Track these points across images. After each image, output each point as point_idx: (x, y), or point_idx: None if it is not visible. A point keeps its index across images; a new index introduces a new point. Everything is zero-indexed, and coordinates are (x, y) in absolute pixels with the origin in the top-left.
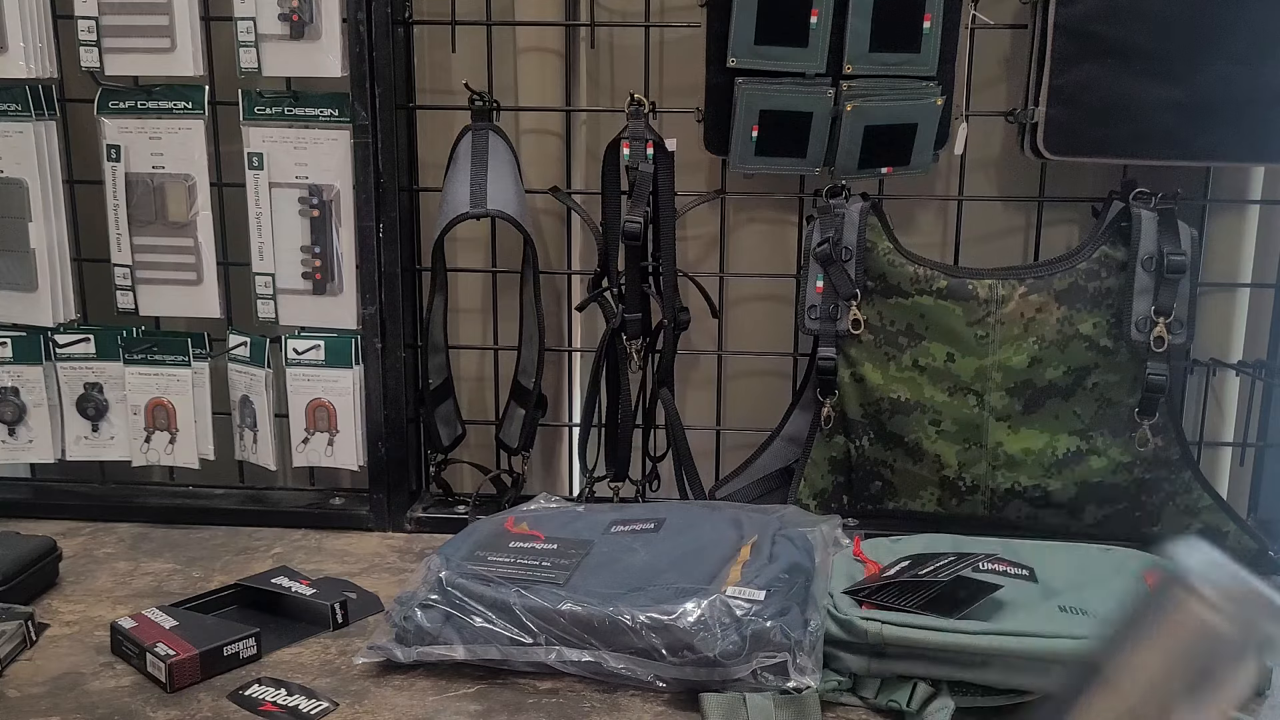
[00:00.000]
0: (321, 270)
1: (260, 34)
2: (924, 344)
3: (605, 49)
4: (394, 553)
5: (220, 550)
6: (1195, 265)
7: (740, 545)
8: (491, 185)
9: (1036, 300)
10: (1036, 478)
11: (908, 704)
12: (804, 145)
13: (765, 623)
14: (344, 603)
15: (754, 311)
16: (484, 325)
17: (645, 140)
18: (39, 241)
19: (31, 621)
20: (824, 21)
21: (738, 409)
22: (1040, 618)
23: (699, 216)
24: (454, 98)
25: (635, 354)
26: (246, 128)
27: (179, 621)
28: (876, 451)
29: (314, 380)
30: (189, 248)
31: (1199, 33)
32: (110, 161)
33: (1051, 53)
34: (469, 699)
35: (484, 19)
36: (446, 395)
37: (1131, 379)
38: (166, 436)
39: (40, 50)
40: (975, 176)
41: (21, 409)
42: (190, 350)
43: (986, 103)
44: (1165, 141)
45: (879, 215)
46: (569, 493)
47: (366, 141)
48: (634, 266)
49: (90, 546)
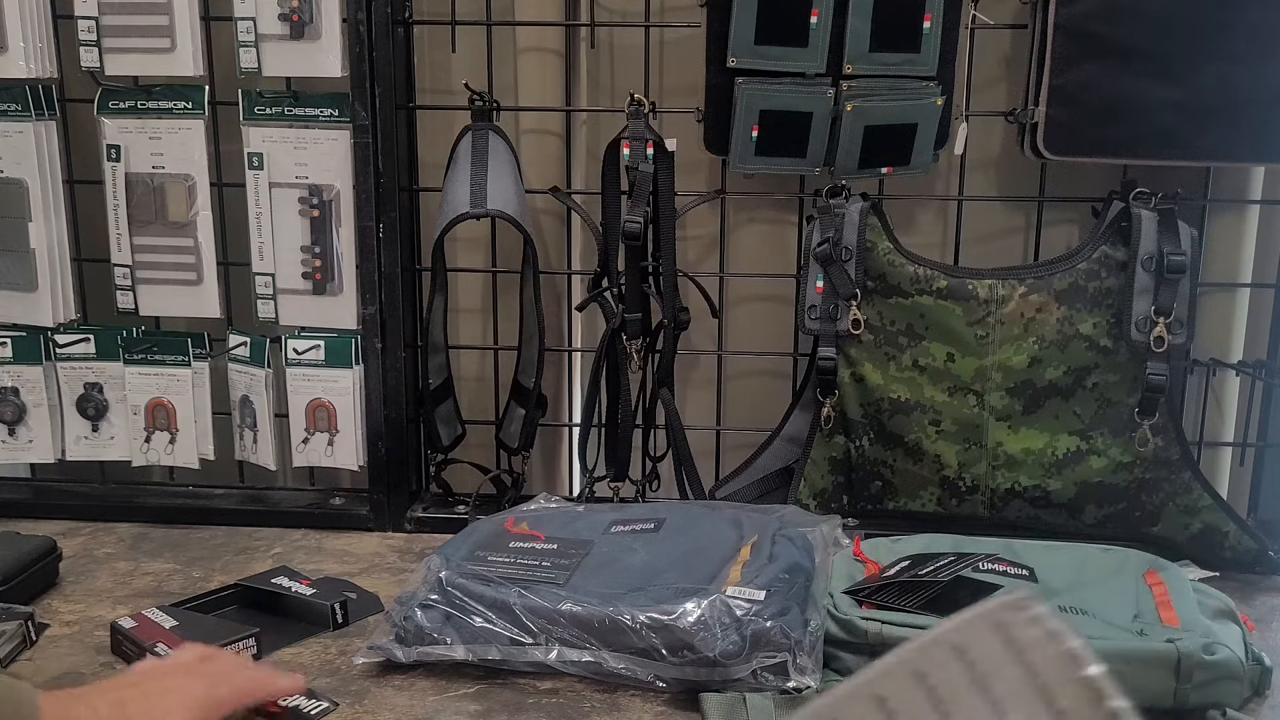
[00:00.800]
0: (321, 270)
1: (260, 34)
2: (924, 344)
3: (605, 49)
4: (394, 553)
5: (220, 550)
6: (1195, 265)
7: (740, 545)
8: (491, 185)
9: (1036, 300)
10: (1036, 478)
11: None
12: (804, 145)
13: (765, 623)
14: (344, 603)
15: (754, 311)
16: (484, 325)
17: (645, 140)
18: (39, 241)
19: (31, 621)
20: (824, 21)
21: (738, 409)
22: None
23: (699, 216)
24: (454, 98)
25: (635, 354)
26: (246, 128)
27: (179, 621)
28: (876, 451)
29: (314, 380)
30: (189, 248)
31: (1199, 33)
32: (110, 161)
33: (1051, 53)
34: (469, 699)
35: (484, 19)
36: (446, 395)
37: (1131, 379)
38: (166, 436)
39: (40, 50)
40: (975, 176)
41: (21, 409)
42: (190, 350)
43: (986, 103)
44: (1165, 141)
45: (879, 215)
46: (569, 493)
47: (366, 141)
48: (634, 266)
49: (90, 546)
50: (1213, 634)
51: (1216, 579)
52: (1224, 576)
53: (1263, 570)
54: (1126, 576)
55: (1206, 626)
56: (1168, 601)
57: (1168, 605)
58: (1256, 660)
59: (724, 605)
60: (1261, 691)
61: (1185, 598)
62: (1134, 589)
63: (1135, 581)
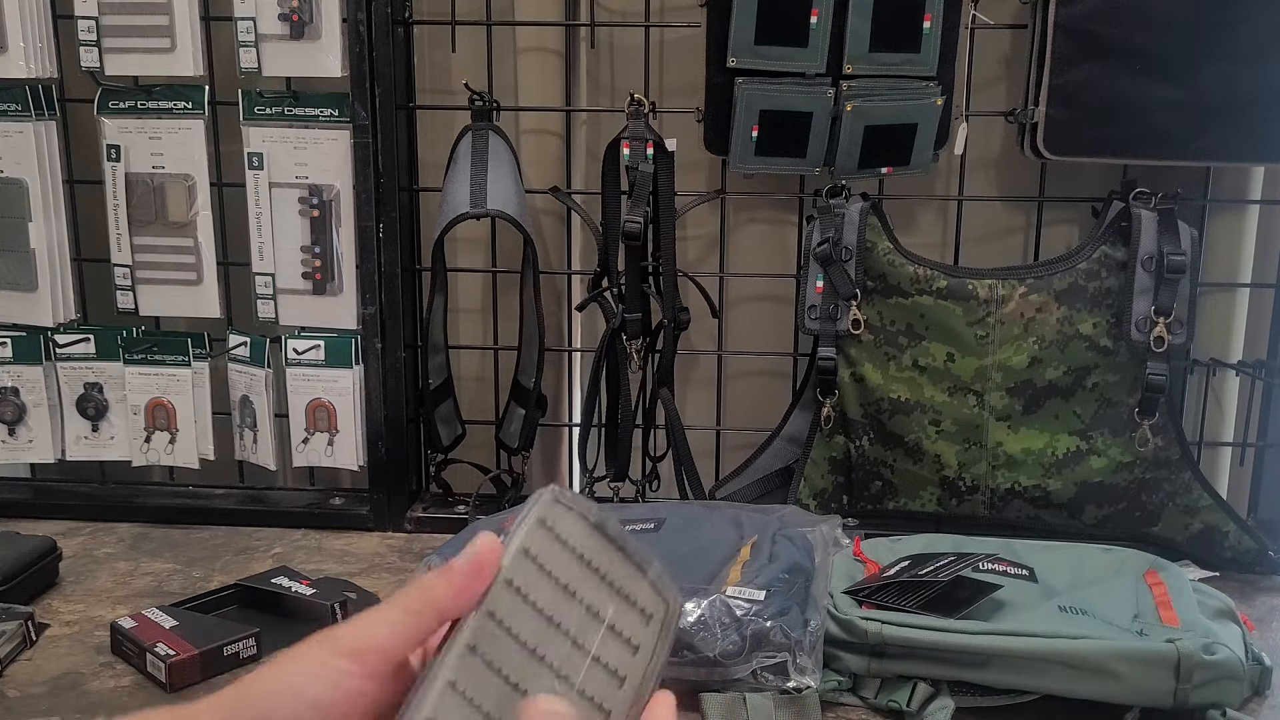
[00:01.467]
0: (321, 270)
1: (260, 34)
2: (924, 344)
3: (605, 49)
4: (394, 553)
5: (220, 550)
6: (1195, 265)
7: (740, 545)
8: (491, 185)
9: (1036, 300)
10: (1036, 478)
11: (908, 704)
12: (804, 145)
13: (765, 623)
14: (344, 603)
15: (754, 311)
16: (484, 325)
17: (645, 140)
18: (39, 241)
19: (31, 621)
20: (824, 21)
21: (738, 409)
22: (1040, 618)
23: (699, 216)
24: (454, 98)
25: (635, 354)
26: (246, 128)
27: (179, 621)
28: (876, 451)
29: (314, 380)
30: (189, 248)
31: (1199, 33)
32: (110, 161)
33: (1051, 53)
34: None
35: (484, 19)
36: (446, 395)
37: (1131, 379)
38: (166, 436)
39: (40, 50)
40: (975, 176)
41: (21, 409)
42: (190, 350)
43: (986, 103)
44: (1165, 141)
45: (879, 215)
46: None
47: (366, 141)
48: (634, 266)
49: (90, 546)
50: (1213, 634)
51: (1216, 579)
52: (1224, 576)
53: (1263, 570)
54: (1126, 576)
55: (1206, 626)
56: (1168, 601)
57: (1168, 605)
58: (1256, 660)
59: (724, 605)
60: (1261, 691)
61: (1185, 598)
62: (1134, 589)
63: (1135, 581)
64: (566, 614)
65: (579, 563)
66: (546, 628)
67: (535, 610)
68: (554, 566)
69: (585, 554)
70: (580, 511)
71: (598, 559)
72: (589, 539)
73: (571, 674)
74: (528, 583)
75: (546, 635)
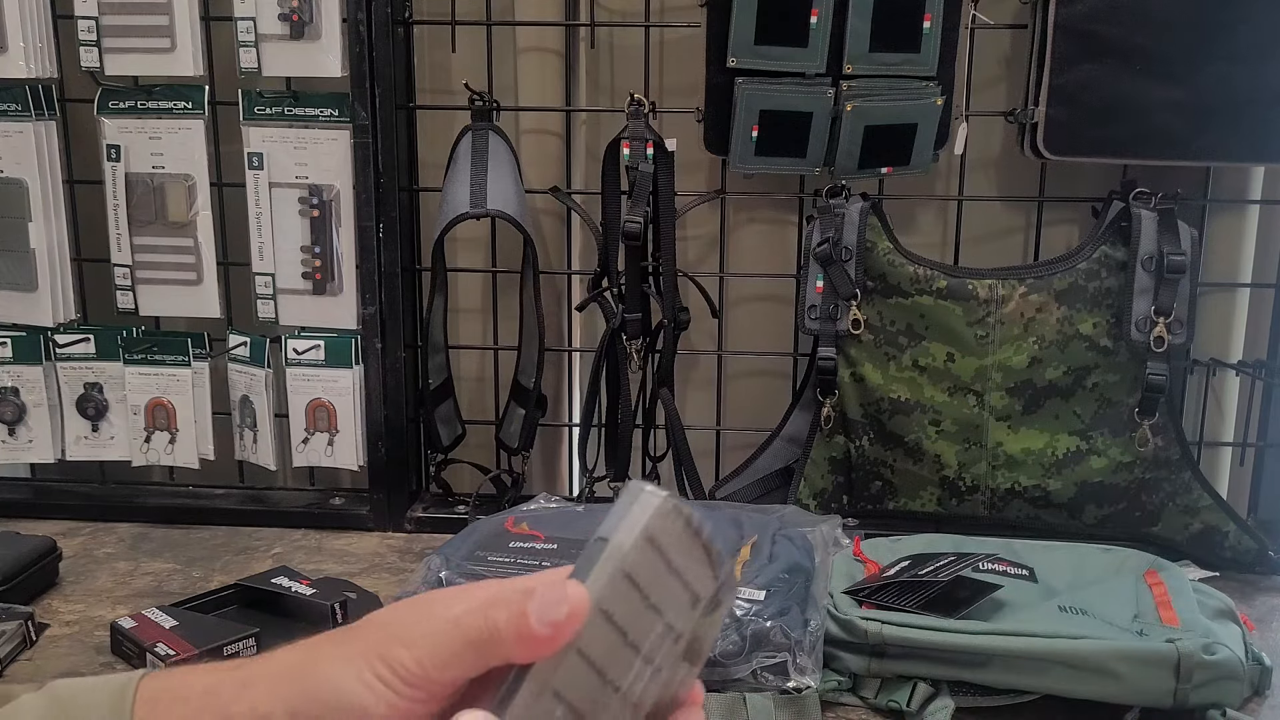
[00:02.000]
0: (321, 270)
1: (260, 34)
2: (924, 344)
3: (605, 49)
4: (394, 553)
5: (220, 550)
6: (1195, 265)
7: (740, 545)
8: (491, 185)
9: (1036, 300)
10: (1036, 478)
11: (908, 704)
12: (804, 145)
13: (765, 623)
14: (344, 603)
15: (754, 311)
16: (484, 325)
17: (645, 140)
18: (39, 241)
19: (31, 621)
20: (824, 21)
21: (738, 409)
22: (1040, 618)
23: (699, 216)
24: (454, 98)
25: (635, 354)
26: (246, 128)
27: (179, 621)
28: (876, 451)
29: (314, 380)
30: (189, 248)
31: (1199, 33)
32: (110, 161)
33: (1051, 53)
34: None
35: (484, 19)
36: (446, 395)
37: (1131, 379)
38: (166, 436)
39: (40, 50)
40: (975, 176)
41: (21, 409)
42: (190, 350)
43: (986, 103)
44: (1165, 141)
45: (879, 215)
46: (569, 493)
47: (366, 141)
48: (634, 266)
49: (90, 546)
50: (1213, 634)
51: (1216, 579)
52: (1224, 576)
53: (1263, 570)
54: (1126, 576)
55: (1206, 626)
56: (1168, 601)
57: (1168, 605)
58: (1256, 660)
59: None
60: (1261, 691)
61: (1185, 598)
62: (1134, 589)
63: (1135, 581)
64: (646, 631)
65: (673, 576)
66: (623, 647)
67: (616, 630)
68: (648, 584)
69: (678, 565)
70: (687, 518)
71: (687, 568)
72: (687, 548)
73: (633, 687)
74: (616, 605)
75: (620, 655)
